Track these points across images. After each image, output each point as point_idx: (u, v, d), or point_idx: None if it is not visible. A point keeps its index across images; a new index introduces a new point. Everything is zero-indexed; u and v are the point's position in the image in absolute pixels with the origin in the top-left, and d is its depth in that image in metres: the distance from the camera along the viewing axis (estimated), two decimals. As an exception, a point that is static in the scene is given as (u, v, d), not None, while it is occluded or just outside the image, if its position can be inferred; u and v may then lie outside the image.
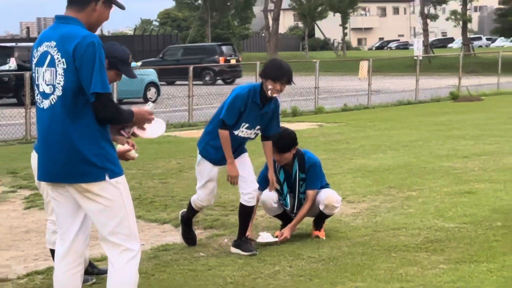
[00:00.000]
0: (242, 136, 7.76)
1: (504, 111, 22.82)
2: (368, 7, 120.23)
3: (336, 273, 6.99)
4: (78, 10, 4.89)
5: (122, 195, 4.98)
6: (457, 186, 10.98)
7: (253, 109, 7.67)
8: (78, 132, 4.80)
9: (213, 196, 7.95)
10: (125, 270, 4.99)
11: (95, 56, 4.73)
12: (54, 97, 4.84)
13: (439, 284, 6.56)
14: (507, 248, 7.63)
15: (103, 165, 4.86)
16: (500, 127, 18.40)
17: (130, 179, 12.15)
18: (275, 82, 7.55)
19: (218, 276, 7.00)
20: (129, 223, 5.02)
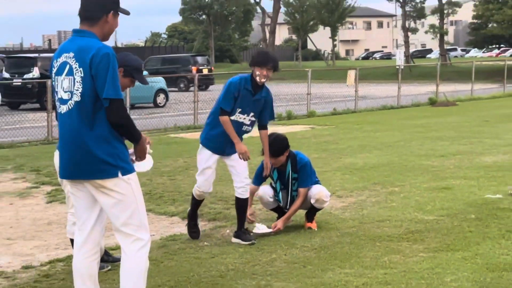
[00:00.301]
0: (237, 121, 7.69)
1: (477, 115, 22.83)
2: (355, 21, 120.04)
3: (326, 260, 7.00)
4: (91, 24, 4.93)
5: (133, 190, 5.00)
6: (435, 182, 10.99)
7: (246, 95, 7.66)
8: (93, 134, 4.83)
9: (210, 183, 7.85)
10: (136, 258, 5.01)
11: (109, 65, 4.76)
12: (71, 102, 4.86)
13: (419, 270, 6.56)
14: (480, 238, 7.64)
15: (116, 163, 4.90)
16: (474, 129, 18.41)
17: (141, 176, 12.13)
18: (261, 68, 7.59)
19: (221, 264, 7.01)
20: (140, 215, 5.04)
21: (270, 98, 7.93)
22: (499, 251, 7.10)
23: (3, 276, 6.75)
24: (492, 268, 6.54)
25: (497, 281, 6.19)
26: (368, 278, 6.36)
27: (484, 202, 9.46)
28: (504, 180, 10.88)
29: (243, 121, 7.77)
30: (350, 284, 6.22)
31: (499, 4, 56.61)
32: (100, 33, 4.95)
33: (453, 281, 6.23)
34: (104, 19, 4.94)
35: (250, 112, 7.76)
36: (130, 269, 5.02)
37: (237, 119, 7.72)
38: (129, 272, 5.03)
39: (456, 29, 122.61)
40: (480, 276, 6.32)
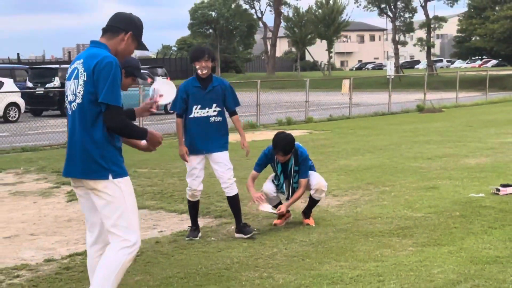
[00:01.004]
0: (201, 117, 7.61)
1: (462, 121, 22.83)
2: (349, 35, 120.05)
3: (323, 254, 7.00)
4: (109, 38, 4.92)
5: (123, 193, 4.84)
6: (423, 182, 10.98)
7: (197, 92, 7.62)
8: (90, 135, 4.75)
9: (198, 182, 7.73)
10: (116, 255, 4.83)
11: (111, 73, 4.70)
12: (75, 104, 4.82)
13: (408, 263, 6.56)
14: (464, 234, 7.64)
15: (108, 166, 4.78)
16: (458, 134, 18.40)
17: (153, 177, 12.21)
18: (199, 61, 7.53)
19: (226, 257, 7.01)
20: (129, 218, 4.86)
21: (226, 85, 7.81)
22: (482, 246, 7.10)
23: (27, 268, 6.76)
24: (475, 261, 6.54)
25: (480, 273, 6.19)
26: (361, 270, 6.36)
27: (468, 200, 9.45)
28: (486, 181, 10.88)
29: (207, 114, 7.65)
30: (345, 275, 6.22)
31: (481, 19, 56.57)
32: (114, 48, 4.93)
33: (439, 273, 6.23)
34: (122, 36, 4.93)
35: (212, 104, 7.65)
36: (105, 263, 4.84)
37: (200, 115, 7.64)
38: (103, 266, 4.85)
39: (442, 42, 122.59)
40: (464, 269, 6.32)
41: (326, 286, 5.96)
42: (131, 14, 5.08)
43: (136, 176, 12.38)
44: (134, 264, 6.82)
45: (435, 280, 6.03)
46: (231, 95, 7.84)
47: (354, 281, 6.07)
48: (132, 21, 5.00)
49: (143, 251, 7.29)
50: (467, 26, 58.09)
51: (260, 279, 6.24)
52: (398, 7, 68.61)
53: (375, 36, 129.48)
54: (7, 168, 13.61)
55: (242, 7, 79.68)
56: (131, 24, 4.99)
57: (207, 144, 7.64)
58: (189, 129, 7.68)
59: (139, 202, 9.91)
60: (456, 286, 5.84)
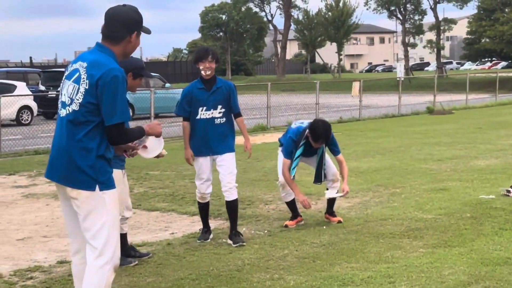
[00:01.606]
0: (206, 118, 7.54)
1: (472, 123, 22.76)
2: (359, 37, 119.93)
3: (334, 255, 7.00)
4: (113, 44, 4.68)
5: (106, 205, 4.60)
6: (433, 184, 10.96)
7: (201, 93, 7.53)
8: (80, 144, 4.52)
9: (207, 185, 7.67)
10: (98, 273, 4.60)
11: (118, 88, 4.50)
12: (69, 109, 4.56)
13: (419, 264, 6.54)
14: (475, 235, 7.62)
15: (96, 177, 4.55)
16: (468, 136, 18.36)
17: (165, 179, 12.22)
18: (203, 61, 7.44)
19: (238, 258, 7.01)
20: (109, 231, 4.61)
21: (231, 86, 7.72)
22: (493, 247, 7.08)
23: (41, 270, 6.78)
24: (486, 263, 6.52)
25: (491, 274, 6.17)
26: (372, 272, 6.35)
27: (478, 202, 9.43)
28: (497, 182, 10.84)
29: (212, 116, 7.56)
30: (356, 277, 6.22)
31: (491, 21, 56.42)
32: (121, 52, 4.72)
33: (450, 274, 6.21)
34: (128, 39, 4.70)
35: (217, 105, 7.57)
36: (91, 284, 4.61)
37: (206, 116, 7.56)
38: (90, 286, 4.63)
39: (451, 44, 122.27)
40: (475, 270, 6.30)
41: (337, 287, 5.95)
42: (128, 11, 4.75)
43: (147, 178, 12.40)
44: (146, 265, 6.84)
45: (446, 281, 6.01)
46: (234, 98, 7.73)
47: (365, 282, 6.06)
48: (132, 20, 4.72)
49: (155, 252, 7.31)
50: (477, 28, 57.96)
51: (271, 280, 6.23)
52: (408, 10, 68.54)
53: (385, 39, 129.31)
54: (20, 171, 13.66)
55: (252, 10, 79.73)
56: (133, 24, 4.72)
57: (213, 146, 7.58)
58: (195, 131, 7.60)
59: (151, 205, 9.98)
60: (468, 287, 5.83)
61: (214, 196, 8.33)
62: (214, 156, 7.64)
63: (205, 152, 7.59)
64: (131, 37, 4.71)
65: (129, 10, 4.74)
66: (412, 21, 69.49)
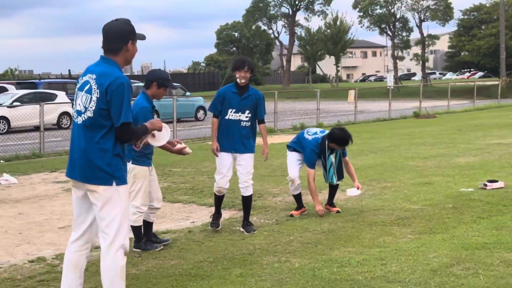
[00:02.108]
0: (234, 119, 7.47)
1: (453, 125, 22.70)
2: (354, 51, 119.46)
3: (333, 241, 6.99)
4: (114, 55, 4.66)
5: (120, 198, 4.61)
6: (419, 179, 10.94)
7: (234, 97, 7.47)
8: (97, 146, 4.55)
9: (226, 180, 7.57)
10: (112, 259, 4.60)
11: (124, 94, 4.51)
12: (84, 116, 4.58)
13: (407, 249, 6.54)
14: (456, 223, 7.60)
15: (112, 173, 4.57)
16: (450, 136, 18.31)
17: (186, 175, 12.24)
18: (240, 71, 7.39)
19: (249, 244, 7.02)
20: (121, 221, 4.61)
21: (260, 96, 7.65)
22: (472, 234, 7.07)
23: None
24: (466, 247, 6.51)
25: (470, 257, 6.16)
26: (366, 255, 6.35)
27: (459, 194, 9.41)
28: (475, 177, 10.82)
29: (239, 118, 7.50)
30: (352, 260, 6.21)
31: (469, 37, 56.22)
32: (122, 60, 4.69)
33: (434, 257, 6.20)
34: (125, 48, 4.64)
35: (245, 110, 7.51)
36: (107, 268, 4.61)
37: (234, 117, 7.49)
38: (106, 271, 4.63)
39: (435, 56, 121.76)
40: (456, 253, 6.29)
41: (336, 269, 5.95)
42: (121, 24, 4.70)
43: (170, 175, 12.43)
44: (170, 250, 6.85)
45: (431, 263, 6.00)
46: (261, 106, 7.67)
47: (360, 264, 6.06)
48: (125, 31, 4.67)
49: (177, 239, 7.33)
50: (457, 43, 57.78)
51: (279, 263, 6.24)
52: (397, 27, 68.34)
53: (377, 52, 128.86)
54: (61, 168, 13.70)
55: (261, 28, 79.59)
56: (126, 34, 4.67)
57: (236, 145, 7.50)
58: (222, 129, 7.53)
59: (174, 197, 10.00)
60: (449, 269, 5.82)
61: (228, 190, 8.32)
62: (235, 154, 7.55)
63: (228, 148, 7.50)
64: (127, 46, 4.67)
65: (121, 23, 4.71)
66: (400, 37, 69.22)
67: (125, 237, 4.65)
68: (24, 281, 5.95)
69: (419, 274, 5.70)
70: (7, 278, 6.06)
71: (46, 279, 5.95)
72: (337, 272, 5.82)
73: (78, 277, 4.77)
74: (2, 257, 6.82)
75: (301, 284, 5.54)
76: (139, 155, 6.59)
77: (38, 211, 9.31)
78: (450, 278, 5.55)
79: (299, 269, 6.00)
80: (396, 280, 5.54)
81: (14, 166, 14.45)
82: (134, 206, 6.60)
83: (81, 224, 4.77)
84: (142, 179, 6.66)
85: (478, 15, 57.02)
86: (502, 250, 6.36)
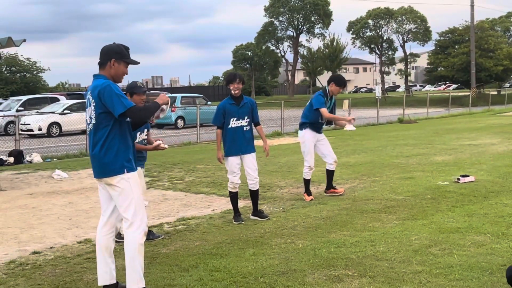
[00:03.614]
0: (237, 126, 7.37)
1: (431, 129, 22.58)
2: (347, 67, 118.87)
3: (331, 226, 6.98)
4: (102, 69, 4.61)
5: (131, 186, 4.56)
6: (403, 174, 10.90)
7: (232, 108, 7.38)
8: (105, 146, 4.53)
9: (237, 178, 7.41)
10: (132, 237, 4.55)
11: (112, 91, 4.45)
12: (91, 124, 4.61)
13: (393, 232, 6.51)
14: (434, 211, 7.57)
15: (121, 163, 4.54)
16: (428, 139, 18.21)
17: (208, 171, 12.26)
18: (232, 83, 7.31)
19: (261, 228, 7.02)
20: (136, 205, 4.57)
21: (253, 103, 7.56)
22: (447, 220, 7.03)
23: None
24: (442, 231, 6.48)
25: (446, 239, 6.13)
26: (359, 238, 6.33)
27: (436, 187, 9.36)
28: (450, 172, 10.76)
29: (241, 124, 7.40)
30: (347, 241, 6.19)
31: (445, 55, 55.81)
32: (108, 74, 4.61)
33: (416, 239, 6.18)
34: (109, 64, 4.58)
35: (244, 116, 7.42)
36: (128, 245, 4.57)
37: (236, 125, 7.39)
38: (127, 247, 4.57)
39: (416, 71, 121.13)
40: (434, 236, 6.26)
41: (333, 249, 5.94)
42: (111, 45, 4.67)
43: (195, 170, 12.44)
44: (194, 233, 6.86)
45: (413, 245, 5.98)
46: (256, 110, 7.63)
47: (353, 245, 6.04)
48: (110, 50, 4.61)
49: (200, 224, 7.34)
50: (434, 60, 57.44)
51: (285, 244, 6.23)
52: (384, 47, 68.12)
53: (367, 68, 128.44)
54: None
55: (270, 48, 79.56)
56: (110, 53, 4.60)
57: (242, 147, 7.41)
58: (228, 137, 7.39)
59: (197, 189, 10.01)
60: (429, 249, 5.79)
61: (241, 184, 8.32)
62: (242, 156, 7.47)
63: (235, 152, 7.41)
64: (111, 62, 4.61)
65: (112, 44, 4.69)
66: (387, 55, 68.92)
67: (142, 219, 4.59)
68: (73, 258, 5.99)
69: (403, 253, 5.68)
70: (59, 256, 6.10)
71: (92, 257, 5.97)
72: (334, 252, 5.81)
73: (109, 256, 4.78)
74: (55, 239, 6.86)
75: (304, 261, 5.53)
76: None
77: (85, 201, 9.36)
78: (429, 257, 5.53)
79: (302, 249, 6.00)
80: (383, 259, 5.52)
81: (65, 163, 14.53)
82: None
83: (105, 211, 4.79)
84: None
85: (452, 37, 56.65)
86: (473, 234, 6.33)
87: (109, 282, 4.77)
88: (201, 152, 16.83)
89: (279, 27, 75.61)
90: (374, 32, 67.21)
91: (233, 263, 5.56)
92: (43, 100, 30.54)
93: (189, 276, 5.21)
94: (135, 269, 4.56)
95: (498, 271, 5.01)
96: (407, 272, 5.08)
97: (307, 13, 73.39)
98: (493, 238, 6.10)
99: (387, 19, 66.30)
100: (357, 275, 5.07)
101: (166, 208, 8.54)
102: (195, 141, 20.59)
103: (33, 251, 6.29)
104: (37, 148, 18.83)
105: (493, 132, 19.99)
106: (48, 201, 9.45)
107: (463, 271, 5.08)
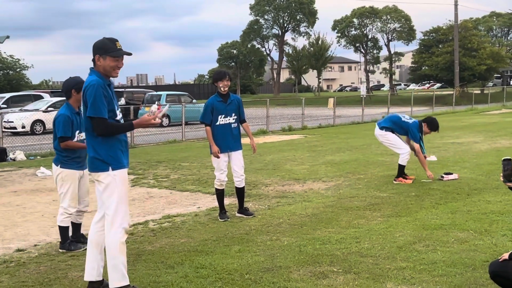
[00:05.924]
0: (225, 123, 7.35)
1: (415, 127, 22.68)
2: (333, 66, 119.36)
3: (316, 223, 7.00)
4: (93, 64, 4.58)
5: (117, 183, 4.50)
6: (387, 171, 10.96)
7: (220, 105, 7.34)
8: (94, 141, 4.51)
9: (224, 175, 7.41)
10: (111, 237, 4.51)
11: (92, 93, 4.39)
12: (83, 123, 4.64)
13: (378, 229, 6.55)
14: (418, 208, 7.62)
15: (108, 161, 4.49)
16: (413, 137, 18.30)
17: (193, 169, 12.24)
18: (221, 80, 7.28)
19: (246, 225, 7.03)
20: (119, 203, 4.50)
21: (239, 100, 7.54)
22: (431, 217, 7.09)
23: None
24: (426, 228, 6.53)
25: (430, 236, 6.18)
26: (344, 235, 6.36)
27: (420, 184, 9.44)
28: (434, 170, 10.81)
29: (229, 121, 7.39)
30: (332, 238, 6.23)
31: (429, 54, 56.16)
32: (97, 69, 4.56)
33: (400, 236, 6.22)
34: (96, 59, 4.54)
35: (232, 113, 7.41)
36: (108, 244, 4.52)
37: (224, 122, 7.37)
38: (108, 246, 4.53)
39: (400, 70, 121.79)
40: (418, 233, 6.31)
41: (318, 245, 5.96)
42: (96, 41, 4.59)
43: (180, 168, 12.42)
44: (179, 230, 6.85)
45: (397, 241, 6.02)
46: (243, 107, 7.62)
47: (339, 242, 6.07)
48: (94, 46, 4.57)
49: (185, 221, 7.33)
50: (419, 59, 57.77)
51: (271, 241, 6.25)
52: (368, 46, 68.42)
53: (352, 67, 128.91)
54: (88, 163, 13.66)
55: (256, 46, 79.55)
56: (94, 49, 4.55)
57: (230, 144, 7.40)
58: (216, 134, 7.37)
59: (183, 187, 9.99)
60: (413, 246, 5.84)
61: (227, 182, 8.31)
62: (230, 153, 7.46)
63: (224, 149, 7.39)
64: (96, 58, 4.58)
65: (97, 40, 4.63)
66: (372, 54, 69.24)
67: (123, 217, 4.53)
68: (58, 256, 5.95)
69: (387, 250, 5.72)
70: (43, 253, 6.07)
71: (76, 254, 5.95)
72: (319, 249, 5.83)
73: (99, 253, 4.74)
74: (40, 236, 6.82)
75: (289, 258, 5.55)
76: (67, 159, 6.06)
77: (69, 198, 9.28)
78: (413, 253, 5.57)
79: (287, 246, 6.01)
80: (368, 255, 5.56)
81: (49, 161, 14.40)
82: (61, 207, 6.11)
83: (101, 207, 4.71)
84: (70, 182, 6.10)
85: (436, 36, 57.05)
86: (456, 230, 6.39)
87: (96, 279, 4.74)
88: (186, 150, 16.80)
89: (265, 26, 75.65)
90: (359, 31, 67.46)
91: (218, 260, 5.56)
92: (27, 97, 30.29)
93: (174, 273, 5.20)
94: (116, 267, 4.52)
95: (481, 267, 5.07)
96: (392, 268, 5.12)
97: (292, 11, 73.48)
98: (476, 235, 6.17)
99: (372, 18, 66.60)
100: (342, 271, 5.09)
101: (151, 205, 8.52)
102: (180, 139, 20.55)
103: (17, 249, 6.25)
104: (20, 146, 18.67)
105: (476, 130, 20.17)
106: (32, 198, 9.38)
107: (447, 267, 5.13)
